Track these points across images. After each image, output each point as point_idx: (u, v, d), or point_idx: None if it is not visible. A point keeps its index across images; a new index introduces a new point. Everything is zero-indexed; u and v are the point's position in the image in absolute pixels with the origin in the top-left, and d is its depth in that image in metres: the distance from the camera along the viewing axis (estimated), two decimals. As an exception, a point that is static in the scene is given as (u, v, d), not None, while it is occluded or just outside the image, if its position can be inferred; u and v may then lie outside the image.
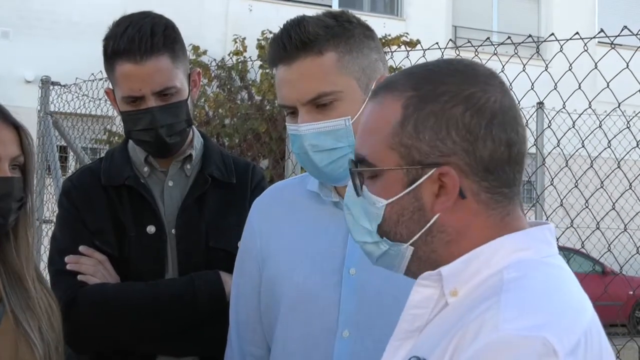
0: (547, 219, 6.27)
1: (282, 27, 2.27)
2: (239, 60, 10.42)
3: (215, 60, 8.91)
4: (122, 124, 2.84)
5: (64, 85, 8.82)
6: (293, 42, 2.20)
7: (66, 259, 2.74)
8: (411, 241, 1.66)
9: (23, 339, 2.30)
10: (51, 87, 8.84)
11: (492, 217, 1.65)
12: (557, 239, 5.04)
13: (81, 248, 2.76)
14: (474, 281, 1.62)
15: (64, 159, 9.70)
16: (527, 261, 1.63)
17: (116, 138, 9.55)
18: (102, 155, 3.07)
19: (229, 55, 11.14)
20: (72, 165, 9.70)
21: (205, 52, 10.41)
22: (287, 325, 2.36)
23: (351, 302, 2.27)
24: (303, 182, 2.46)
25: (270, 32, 13.11)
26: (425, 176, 1.62)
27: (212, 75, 10.38)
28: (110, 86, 2.87)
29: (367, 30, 2.31)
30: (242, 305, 2.52)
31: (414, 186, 1.63)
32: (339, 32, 2.23)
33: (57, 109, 8.83)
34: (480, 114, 1.62)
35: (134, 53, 2.67)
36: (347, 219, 1.77)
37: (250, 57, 7.61)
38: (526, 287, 1.56)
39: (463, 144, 1.61)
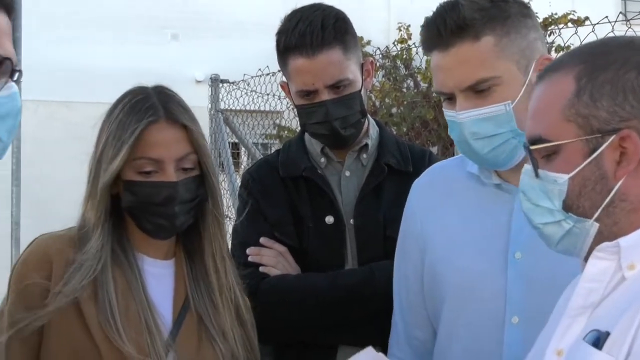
0: None
1: (435, 11, 2.23)
2: (403, 48, 10.40)
3: (379, 49, 8.90)
4: (290, 118, 2.88)
5: (233, 83, 8.99)
6: (448, 27, 2.16)
7: (248, 251, 2.80)
8: (595, 215, 1.64)
9: (205, 337, 2.32)
10: (220, 85, 9.04)
11: None
12: None
13: (262, 240, 2.81)
14: None
15: (236, 155, 9.88)
16: None
17: (286, 132, 9.67)
18: (273, 150, 3.10)
19: (393, 43, 11.10)
20: (244, 161, 9.87)
21: (369, 43, 10.41)
22: (454, 311, 2.34)
23: (518, 288, 2.23)
24: (463, 163, 2.42)
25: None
26: (606, 143, 1.62)
27: (377, 65, 10.39)
28: (284, 79, 2.91)
29: (524, 9, 2.24)
30: (404, 288, 2.53)
31: (595, 155, 1.63)
32: (495, 14, 2.17)
33: (227, 107, 9.01)
34: None
35: (305, 47, 2.70)
36: (524, 205, 1.76)
37: (415, 44, 7.55)
38: None
39: None
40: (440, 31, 2.18)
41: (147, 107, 2.26)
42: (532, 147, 1.70)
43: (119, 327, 2.18)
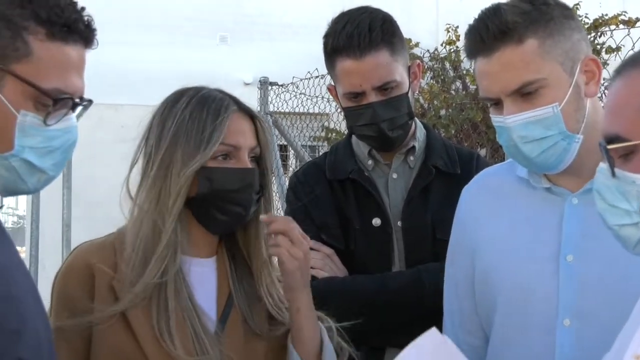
0: None
1: (477, 17, 2.23)
2: (451, 50, 10.36)
3: (428, 51, 8.88)
4: (339, 120, 2.88)
5: (282, 85, 9.01)
6: (491, 32, 2.16)
7: (295, 253, 2.80)
8: None
9: (251, 332, 2.31)
10: (269, 88, 9.05)
11: None
12: None
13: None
14: None
15: (284, 158, 9.90)
16: None
17: (334, 135, 9.68)
18: (321, 152, 3.10)
19: (441, 45, 11.06)
20: (292, 164, 9.89)
21: (417, 45, 10.38)
22: (506, 315, 2.33)
23: (570, 290, 2.22)
24: (512, 168, 2.42)
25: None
26: None
27: (425, 67, 10.36)
28: (332, 82, 2.91)
29: (566, 10, 2.24)
30: (454, 294, 2.53)
31: None
32: (537, 17, 2.17)
33: (275, 109, 9.03)
34: None
35: (353, 49, 2.71)
36: (599, 205, 1.71)
37: (463, 46, 7.50)
38: None
39: None
40: (483, 37, 2.18)
41: (219, 98, 2.26)
42: (610, 147, 1.64)
43: (172, 334, 2.16)
